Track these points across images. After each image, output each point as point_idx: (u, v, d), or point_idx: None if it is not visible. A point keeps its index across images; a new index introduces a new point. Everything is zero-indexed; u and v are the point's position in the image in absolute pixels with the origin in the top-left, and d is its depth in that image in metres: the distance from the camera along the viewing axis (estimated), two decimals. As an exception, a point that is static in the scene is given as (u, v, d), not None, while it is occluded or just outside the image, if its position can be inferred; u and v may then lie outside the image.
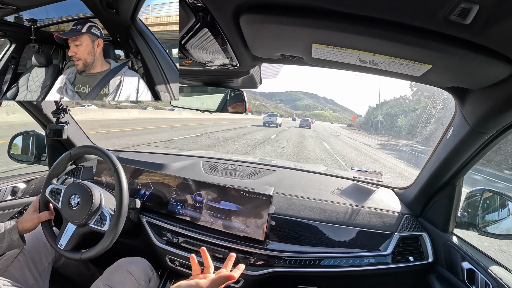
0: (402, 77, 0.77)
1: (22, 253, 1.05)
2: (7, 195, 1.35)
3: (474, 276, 0.92)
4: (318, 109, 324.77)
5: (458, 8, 0.44)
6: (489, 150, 0.89)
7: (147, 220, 1.26)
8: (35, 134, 1.56)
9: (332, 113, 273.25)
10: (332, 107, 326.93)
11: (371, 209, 1.23)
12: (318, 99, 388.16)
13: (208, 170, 1.52)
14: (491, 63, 0.57)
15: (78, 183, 1.06)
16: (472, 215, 1.06)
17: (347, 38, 0.60)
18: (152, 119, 22.30)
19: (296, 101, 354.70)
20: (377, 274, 1.11)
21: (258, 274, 1.08)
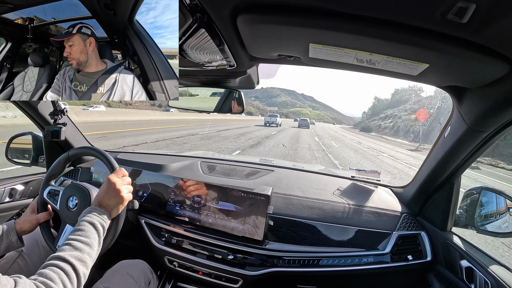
0: (400, 76, 0.77)
1: (21, 256, 1.05)
2: (5, 197, 1.34)
3: (473, 274, 0.92)
4: (297, 106, 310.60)
5: (455, 7, 0.44)
6: (486, 149, 0.90)
7: (146, 221, 1.25)
8: (33, 135, 1.55)
9: (312, 110, 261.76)
10: (311, 104, 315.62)
11: (370, 208, 1.23)
12: (296, 96, 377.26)
13: (206, 171, 1.52)
14: (488, 62, 0.57)
15: (76, 185, 1.06)
16: (470, 213, 1.06)
17: (344, 37, 0.60)
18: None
19: (272, 98, 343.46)
20: (376, 273, 1.11)
21: (257, 274, 1.08)
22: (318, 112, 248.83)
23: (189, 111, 1.33)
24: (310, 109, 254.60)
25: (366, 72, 0.80)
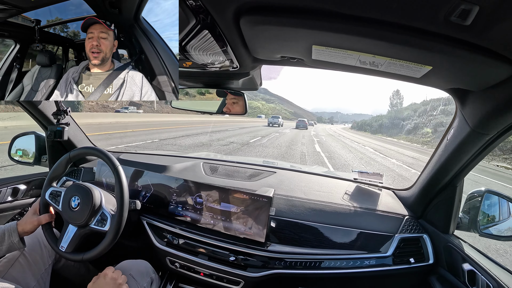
0: (403, 78, 0.77)
1: (22, 255, 1.05)
2: (7, 196, 1.35)
3: (475, 277, 0.92)
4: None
5: (458, 9, 0.44)
6: (489, 152, 0.89)
7: (148, 221, 1.25)
8: (36, 135, 1.56)
9: (266, 103, 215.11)
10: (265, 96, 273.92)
11: (372, 210, 1.23)
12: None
13: (209, 172, 1.52)
14: (491, 64, 0.57)
15: (77, 184, 1.06)
16: (472, 216, 1.05)
17: (347, 39, 0.60)
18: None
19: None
20: (377, 275, 1.10)
21: (258, 276, 1.08)
22: (273, 106, 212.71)
23: (191, 113, 1.33)
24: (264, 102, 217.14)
25: (369, 74, 0.80)
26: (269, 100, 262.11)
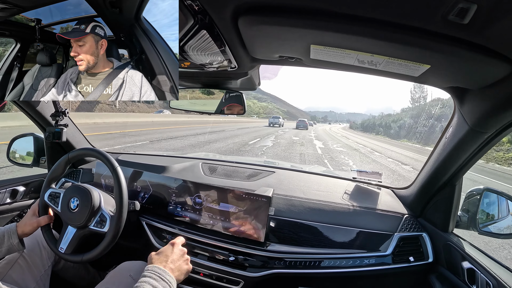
0: (401, 77, 0.77)
1: (22, 257, 1.05)
2: (6, 198, 1.35)
3: (475, 275, 0.92)
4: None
5: (456, 8, 0.44)
6: (488, 150, 0.89)
7: (147, 222, 1.25)
8: (34, 136, 1.55)
9: (257, 102, 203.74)
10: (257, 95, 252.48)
11: (371, 209, 1.23)
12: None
13: (208, 172, 1.51)
14: (489, 63, 0.57)
15: (76, 186, 1.06)
16: (472, 214, 1.06)
17: (345, 38, 0.60)
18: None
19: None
20: (377, 274, 1.10)
21: (258, 275, 1.08)
22: (265, 105, 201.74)
23: (190, 113, 1.33)
24: (255, 101, 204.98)
25: (367, 73, 0.80)
26: (261, 98, 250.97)
